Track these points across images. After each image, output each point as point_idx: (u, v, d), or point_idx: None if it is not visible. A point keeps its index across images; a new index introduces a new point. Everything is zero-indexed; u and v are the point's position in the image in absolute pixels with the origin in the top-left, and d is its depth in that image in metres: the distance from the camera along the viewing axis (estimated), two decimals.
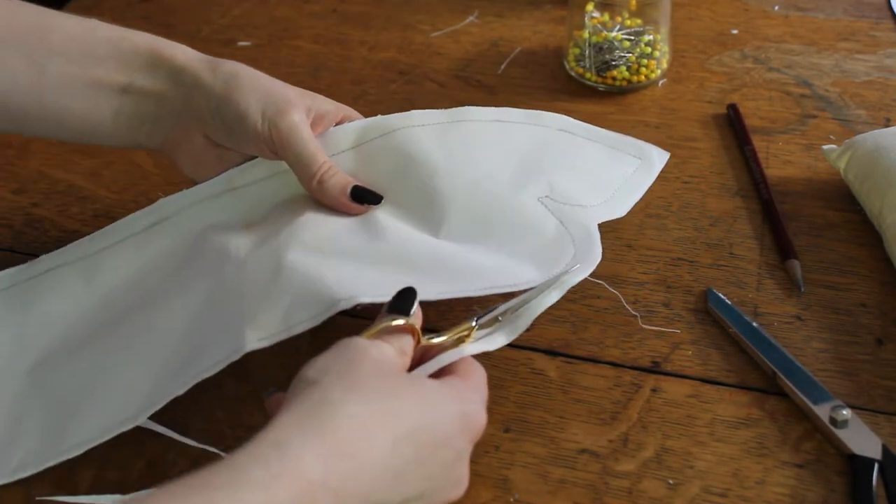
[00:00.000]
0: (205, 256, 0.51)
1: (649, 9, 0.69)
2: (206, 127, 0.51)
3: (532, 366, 0.50)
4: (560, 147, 0.55)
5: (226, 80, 0.49)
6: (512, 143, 0.54)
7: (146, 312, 0.50)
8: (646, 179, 0.55)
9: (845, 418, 0.45)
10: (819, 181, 0.61)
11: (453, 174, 0.51)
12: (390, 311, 0.40)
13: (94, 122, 0.50)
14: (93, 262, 0.53)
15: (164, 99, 0.50)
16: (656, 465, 0.45)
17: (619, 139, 0.56)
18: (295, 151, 0.49)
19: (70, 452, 0.46)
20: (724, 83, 0.71)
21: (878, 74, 0.71)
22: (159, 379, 0.47)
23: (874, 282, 0.54)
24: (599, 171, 0.54)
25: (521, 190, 0.52)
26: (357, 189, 0.50)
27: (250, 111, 0.49)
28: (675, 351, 0.51)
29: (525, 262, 0.48)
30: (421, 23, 0.80)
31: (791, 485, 0.44)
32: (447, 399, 0.37)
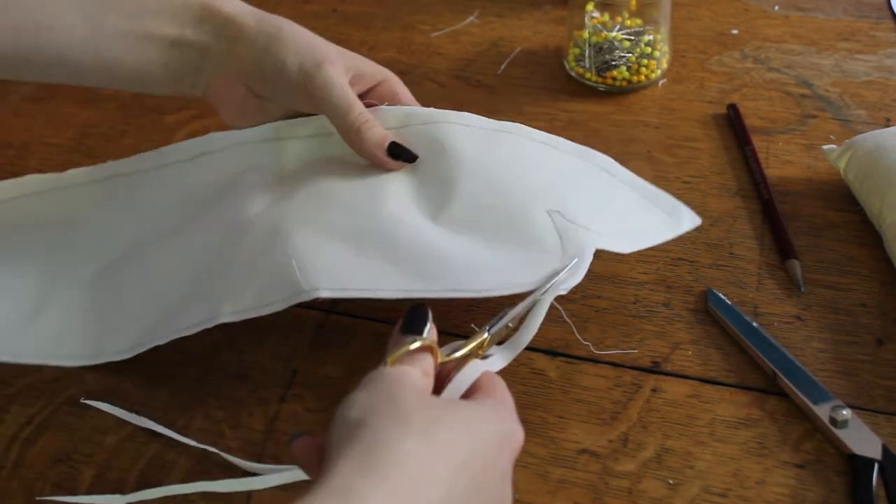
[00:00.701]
0: (227, 203, 0.52)
1: (649, 9, 0.69)
2: (248, 78, 0.52)
3: (532, 366, 0.50)
4: (593, 181, 0.53)
5: (268, 33, 0.50)
6: (548, 164, 0.53)
7: (169, 243, 0.53)
8: (666, 233, 0.52)
9: (845, 418, 0.45)
10: (819, 181, 0.61)
11: (476, 172, 0.51)
12: (405, 331, 0.39)
13: (144, 73, 0.52)
14: (138, 180, 0.56)
15: (208, 50, 0.51)
16: (656, 465, 0.45)
17: (656, 193, 0.54)
18: (331, 102, 0.50)
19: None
20: (724, 83, 0.71)
21: (878, 74, 0.71)
22: (154, 320, 0.49)
23: (874, 282, 0.54)
24: (622, 212, 0.53)
25: (534, 198, 0.51)
26: (395, 144, 0.51)
27: (287, 63, 0.50)
28: (675, 351, 0.51)
29: (510, 266, 0.47)
30: (421, 23, 0.80)
31: (791, 485, 0.44)
32: (489, 421, 0.37)
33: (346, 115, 0.50)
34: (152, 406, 0.50)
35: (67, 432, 0.49)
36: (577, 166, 0.54)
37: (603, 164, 0.54)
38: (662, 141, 0.65)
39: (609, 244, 0.49)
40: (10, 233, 0.56)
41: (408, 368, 0.37)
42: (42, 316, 0.52)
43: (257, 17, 0.51)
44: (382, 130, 0.51)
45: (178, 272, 0.51)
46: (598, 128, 0.67)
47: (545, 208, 0.50)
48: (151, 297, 0.51)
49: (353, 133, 0.50)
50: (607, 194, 0.53)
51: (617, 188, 0.54)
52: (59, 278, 0.54)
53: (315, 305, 0.55)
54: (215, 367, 0.51)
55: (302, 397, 0.50)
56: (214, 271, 0.49)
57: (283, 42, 0.50)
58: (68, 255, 0.55)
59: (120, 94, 0.74)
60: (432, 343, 0.39)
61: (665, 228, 0.52)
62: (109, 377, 0.51)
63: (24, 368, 0.52)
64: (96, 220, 0.56)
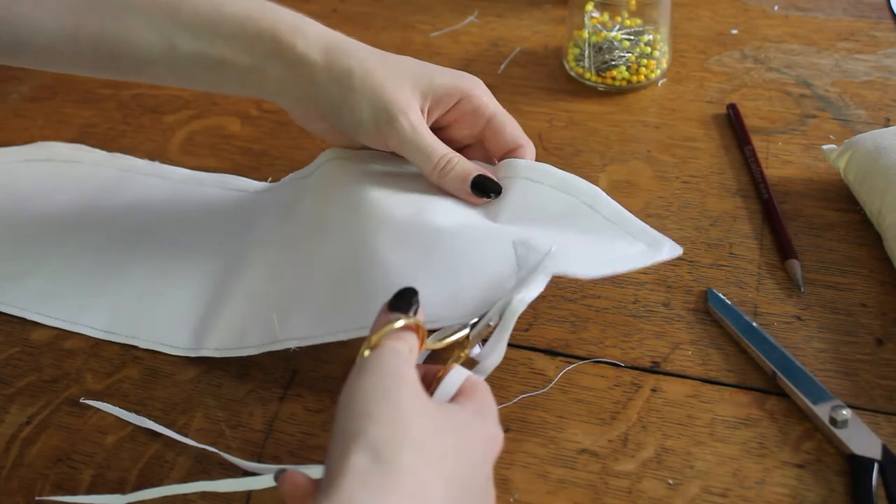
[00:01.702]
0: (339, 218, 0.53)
1: (649, 9, 0.69)
2: (326, 118, 0.52)
3: (532, 366, 0.50)
4: (575, 221, 0.51)
5: (339, 82, 0.49)
6: (530, 205, 0.51)
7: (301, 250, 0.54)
8: (640, 260, 0.48)
9: (845, 418, 0.45)
10: (819, 181, 0.61)
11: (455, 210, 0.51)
12: (392, 308, 0.39)
13: (223, 89, 0.53)
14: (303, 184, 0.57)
15: (284, 86, 0.51)
16: (656, 465, 0.45)
17: (640, 227, 0.50)
18: (410, 154, 0.50)
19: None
20: (724, 83, 0.71)
21: (878, 74, 0.71)
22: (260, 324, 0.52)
23: (874, 282, 0.54)
24: (595, 245, 0.50)
25: (502, 228, 0.49)
26: (475, 182, 0.50)
27: (363, 119, 0.49)
28: (675, 351, 0.51)
29: (459, 292, 0.46)
30: (421, 23, 0.80)
31: (791, 485, 0.44)
32: (476, 426, 0.37)
33: (426, 164, 0.50)
34: (152, 406, 0.50)
35: (67, 432, 0.49)
36: (557, 206, 0.51)
37: (587, 197, 0.51)
38: (662, 141, 0.65)
39: (571, 268, 0.45)
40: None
41: (395, 347, 0.37)
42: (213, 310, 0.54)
43: (327, 57, 0.49)
44: (463, 168, 0.50)
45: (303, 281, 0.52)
46: (598, 128, 0.67)
47: (511, 238, 0.48)
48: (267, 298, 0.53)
49: (437, 179, 0.50)
50: (588, 231, 0.50)
51: (598, 224, 0.51)
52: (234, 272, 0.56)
53: None
54: (215, 367, 0.51)
55: (302, 397, 0.50)
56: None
57: (354, 92, 0.49)
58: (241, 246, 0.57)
59: (119, 93, 0.74)
60: (418, 322, 0.39)
61: (641, 255, 0.48)
62: (109, 377, 0.51)
63: (24, 368, 0.52)
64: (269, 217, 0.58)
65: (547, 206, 0.50)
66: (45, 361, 0.52)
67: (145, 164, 0.66)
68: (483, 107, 0.52)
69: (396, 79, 0.50)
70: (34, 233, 0.60)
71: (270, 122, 0.70)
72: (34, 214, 0.62)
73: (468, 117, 0.52)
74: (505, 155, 0.53)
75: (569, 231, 0.49)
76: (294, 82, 0.50)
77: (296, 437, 0.48)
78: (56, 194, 0.63)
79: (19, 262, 0.58)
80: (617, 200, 0.60)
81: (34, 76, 0.77)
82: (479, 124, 0.52)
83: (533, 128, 0.67)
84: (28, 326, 0.55)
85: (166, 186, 0.64)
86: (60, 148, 0.67)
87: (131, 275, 0.57)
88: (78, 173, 0.65)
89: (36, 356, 0.53)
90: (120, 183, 0.64)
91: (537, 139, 0.66)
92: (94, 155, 0.67)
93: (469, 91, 0.52)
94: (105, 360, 0.52)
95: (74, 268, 0.57)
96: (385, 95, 0.49)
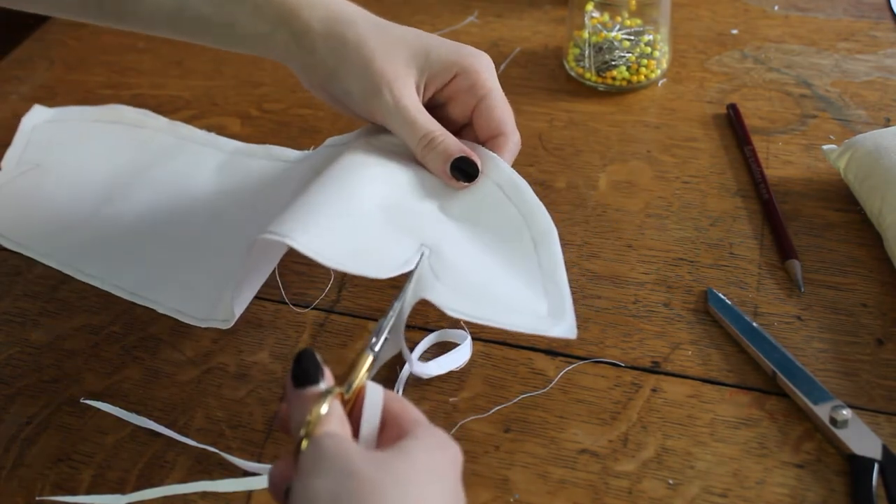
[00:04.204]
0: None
1: (649, 9, 0.69)
2: (324, 87, 0.52)
3: (532, 366, 0.50)
4: (511, 250, 0.49)
5: (334, 52, 0.49)
6: (483, 211, 0.50)
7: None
8: (526, 325, 0.45)
9: (845, 418, 0.45)
10: (819, 181, 0.61)
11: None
12: (301, 383, 0.36)
13: (229, 48, 0.53)
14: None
15: (290, 53, 0.51)
16: (656, 465, 0.45)
17: (559, 289, 0.47)
18: (395, 128, 0.50)
19: None
20: (724, 83, 0.71)
21: (878, 74, 0.71)
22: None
23: (874, 282, 0.54)
24: (504, 285, 0.47)
25: (424, 229, 0.49)
26: (456, 163, 0.49)
27: (353, 90, 0.50)
28: (675, 351, 0.51)
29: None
30: (421, 23, 0.80)
31: (791, 485, 0.44)
32: (438, 454, 0.35)
33: (411, 139, 0.50)
34: (152, 406, 0.50)
35: (67, 432, 0.49)
36: (508, 227, 0.50)
37: (539, 234, 0.49)
38: (662, 141, 0.65)
39: (444, 300, 0.44)
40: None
41: (334, 433, 0.34)
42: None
43: (326, 26, 0.49)
44: (446, 148, 0.49)
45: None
46: (598, 128, 0.67)
47: (421, 240, 0.48)
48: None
49: (420, 156, 0.50)
50: (507, 266, 0.48)
51: (526, 264, 0.49)
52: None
53: (315, 305, 0.55)
54: (215, 367, 0.51)
55: None
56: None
57: (346, 63, 0.49)
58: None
59: (120, 93, 0.74)
60: (333, 387, 0.36)
61: (528, 321, 0.45)
62: (109, 377, 0.51)
63: (24, 368, 0.52)
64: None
65: (497, 224, 0.50)
66: (45, 361, 0.52)
67: (203, 134, 0.68)
68: (479, 84, 0.51)
69: (391, 50, 0.49)
70: (88, 190, 0.63)
71: (270, 122, 0.70)
72: (92, 171, 0.65)
73: (463, 94, 0.51)
74: (488, 139, 0.52)
75: (494, 257, 0.48)
76: (298, 50, 0.50)
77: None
78: (115, 156, 0.66)
79: (69, 216, 0.61)
80: (617, 200, 0.60)
81: (34, 76, 0.77)
82: (472, 102, 0.51)
83: (533, 128, 0.67)
84: (28, 326, 0.55)
85: (218, 157, 0.66)
86: (128, 112, 0.70)
87: (167, 240, 0.58)
88: (140, 137, 0.68)
89: (36, 356, 0.53)
90: (176, 150, 0.67)
91: (537, 139, 0.66)
92: (158, 122, 0.69)
93: (468, 66, 0.50)
94: (105, 360, 0.52)
95: (116, 228, 0.60)
96: (373, 67, 0.49)
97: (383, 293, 0.55)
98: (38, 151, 0.67)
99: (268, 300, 0.55)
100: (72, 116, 0.71)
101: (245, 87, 0.74)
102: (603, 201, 0.60)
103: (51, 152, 0.67)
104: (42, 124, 0.70)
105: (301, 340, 0.53)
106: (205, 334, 0.53)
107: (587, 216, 0.59)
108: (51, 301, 0.56)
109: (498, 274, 0.48)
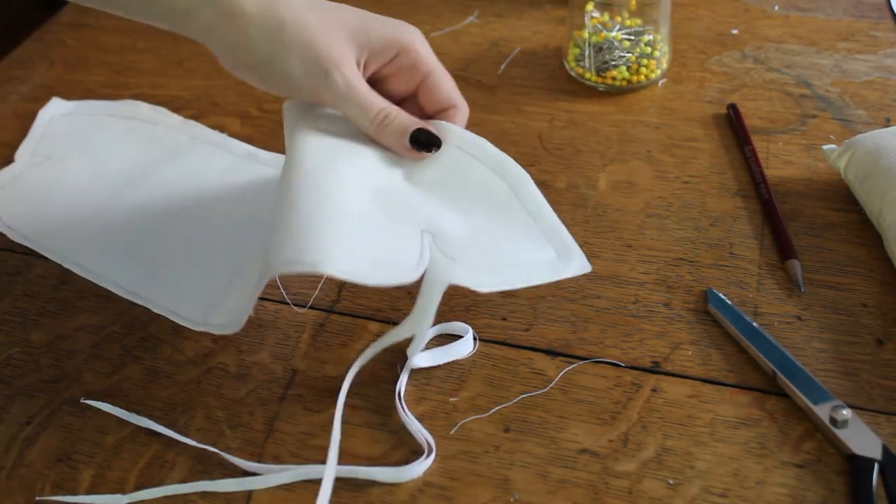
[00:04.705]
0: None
1: (649, 9, 0.69)
2: (255, 70, 0.50)
3: (532, 366, 0.50)
4: (495, 206, 0.51)
5: (270, 35, 0.48)
6: (452, 179, 0.51)
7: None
8: (545, 274, 0.48)
9: (845, 418, 0.45)
10: (819, 181, 0.61)
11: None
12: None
13: (155, 23, 0.50)
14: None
15: (212, 31, 0.49)
16: (656, 465, 0.45)
17: (554, 228, 0.50)
18: (346, 110, 0.49)
19: None
20: (724, 83, 0.71)
21: (878, 74, 0.71)
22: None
23: (874, 282, 0.54)
24: (506, 246, 0.49)
25: (415, 214, 0.49)
26: (413, 136, 0.50)
27: (294, 74, 0.48)
28: (675, 351, 0.51)
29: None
30: (421, 23, 0.80)
31: (791, 485, 0.44)
32: None
33: (363, 119, 0.50)
34: (152, 406, 0.50)
35: (67, 432, 0.49)
36: (484, 184, 0.51)
37: (515, 183, 0.51)
38: (662, 141, 0.65)
39: (469, 279, 0.45)
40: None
41: None
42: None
43: (260, 7, 0.48)
44: (401, 123, 0.50)
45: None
46: (598, 128, 0.67)
47: (420, 227, 0.48)
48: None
49: (374, 134, 0.50)
50: (502, 219, 0.50)
51: (516, 214, 0.50)
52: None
53: (315, 305, 0.55)
54: (215, 367, 0.51)
55: (302, 397, 0.50)
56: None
57: (286, 47, 0.48)
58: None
59: (119, 94, 0.74)
60: None
61: (547, 271, 0.48)
62: (109, 377, 0.51)
63: (24, 368, 0.52)
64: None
65: (472, 184, 0.51)
66: (45, 361, 0.52)
67: (214, 134, 0.68)
68: (421, 62, 0.51)
69: (332, 31, 0.49)
70: (95, 185, 0.63)
71: (270, 122, 0.70)
72: (101, 166, 0.65)
73: (405, 71, 0.51)
74: (437, 113, 0.53)
75: (484, 218, 0.50)
76: (224, 30, 0.48)
77: (296, 437, 0.48)
78: (126, 151, 0.66)
79: (74, 211, 0.61)
80: (617, 200, 0.60)
81: (34, 76, 0.77)
82: (416, 80, 0.52)
83: (533, 128, 0.67)
84: (28, 326, 0.55)
85: (226, 159, 0.66)
86: (144, 108, 0.70)
87: (168, 240, 0.58)
88: (152, 133, 0.68)
89: (36, 356, 0.53)
90: (186, 149, 0.67)
91: (537, 139, 0.66)
92: (172, 119, 0.70)
93: (408, 45, 0.51)
94: (105, 360, 0.52)
95: (119, 225, 0.60)
96: (318, 49, 0.48)
97: (384, 293, 0.55)
98: (51, 144, 0.68)
99: (268, 300, 0.55)
100: (89, 110, 0.71)
101: (245, 87, 0.74)
102: (603, 201, 0.60)
103: (63, 145, 0.67)
104: (59, 117, 0.70)
105: (301, 340, 0.53)
106: (205, 334, 0.53)
107: (587, 216, 0.59)
108: (51, 301, 0.56)
109: (497, 234, 0.49)
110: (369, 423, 0.48)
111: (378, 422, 0.48)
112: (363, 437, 0.47)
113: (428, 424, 0.47)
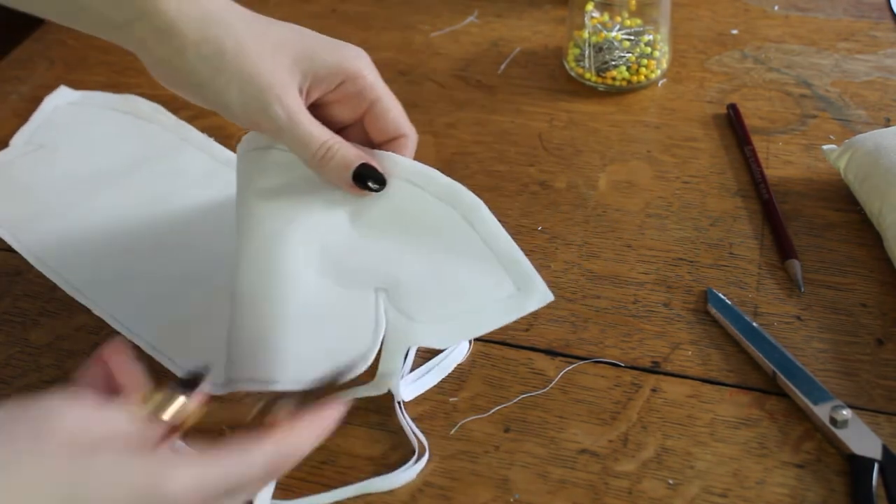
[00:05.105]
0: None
1: (649, 9, 0.69)
2: (190, 91, 0.48)
3: (532, 366, 0.50)
4: (449, 237, 0.48)
5: (208, 61, 0.45)
6: (404, 217, 0.49)
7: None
8: (507, 316, 0.46)
9: (845, 418, 0.45)
10: (819, 181, 0.61)
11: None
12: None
13: (93, 33, 0.48)
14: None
15: (145, 47, 0.46)
16: (656, 465, 0.45)
17: (512, 258, 0.47)
18: (286, 143, 0.47)
19: None
20: (724, 83, 0.71)
21: (878, 74, 0.71)
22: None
23: (874, 282, 0.54)
24: (463, 286, 0.47)
25: (368, 268, 0.48)
26: (359, 171, 0.47)
27: (231, 102, 0.46)
28: (675, 351, 0.51)
29: (311, 355, 0.46)
30: (421, 23, 0.80)
31: (791, 485, 0.44)
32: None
33: (304, 153, 0.47)
34: None
35: None
36: (436, 216, 0.49)
37: (468, 212, 0.48)
38: (662, 141, 0.65)
39: (430, 339, 0.46)
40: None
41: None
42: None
43: (199, 29, 0.45)
44: (344, 157, 0.47)
45: None
46: (598, 128, 0.67)
47: (375, 285, 0.47)
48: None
49: (316, 168, 0.48)
50: (457, 254, 0.48)
51: (471, 246, 0.48)
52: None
53: None
54: None
55: None
56: None
57: (223, 74, 0.45)
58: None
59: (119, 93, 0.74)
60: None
61: (507, 310, 0.46)
62: None
63: (24, 368, 0.52)
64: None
65: (424, 217, 0.48)
66: (45, 361, 0.52)
67: (202, 138, 0.68)
68: (367, 90, 0.48)
69: (274, 56, 0.46)
70: (78, 180, 0.64)
71: None
72: (89, 159, 0.66)
73: (351, 98, 0.49)
74: (386, 142, 0.50)
75: (440, 253, 0.48)
76: (158, 48, 0.46)
77: None
78: (117, 146, 0.67)
79: (52, 205, 0.62)
80: (617, 200, 0.60)
81: (34, 76, 0.77)
82: (362, 107, 0.49)
83: (533, 128, 0.67)
84: (28, 326, 0.55)
85: (208, 165, 0.65)
86: (143, 104, 0.71)
87: (135, 252, 0.58)
88: (146, 131, 0.69)
89: (36, 356, 0.53)
90: (175, 150, 0.67)
91: (537, 139, 0.66)
92: (168, 119, 0.70)
93: (355, 72, 0.48)
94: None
95: (91, 226, 0.60)
96: (258, 80, 0.46)
97: None
98: (48, 133, 0.68)
99: None
100: (95, 101, 0.72)
101: None
102: (603, 201, 0.60)
103: (59, 135, 0.68)
104: (64, 105, 0.71)
105: None
106: None
107: (587, 216, 0.59)
108: (51, 301, 0.56)
109: (454, 271, 0.47)
110: (368, 423, 0.48)
111: (377, 422, 0.48)
112: (363, 437, 0.47)
113: (428, 424, 0.47)
